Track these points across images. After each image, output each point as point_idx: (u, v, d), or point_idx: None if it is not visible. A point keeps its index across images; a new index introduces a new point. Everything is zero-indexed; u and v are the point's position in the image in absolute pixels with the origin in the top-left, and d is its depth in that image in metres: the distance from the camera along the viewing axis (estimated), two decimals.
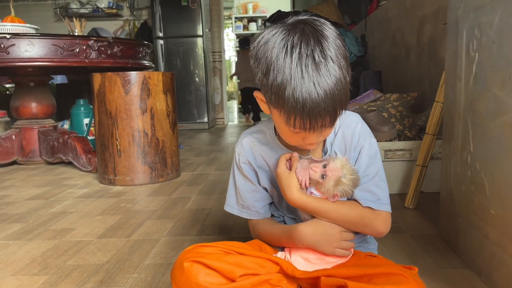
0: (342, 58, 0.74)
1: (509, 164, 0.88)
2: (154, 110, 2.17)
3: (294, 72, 0.71)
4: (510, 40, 0.88)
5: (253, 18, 7.48)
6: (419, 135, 1.95)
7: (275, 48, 0.73)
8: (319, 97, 0.71)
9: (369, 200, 0.87)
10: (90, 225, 1.56)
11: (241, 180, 0.99)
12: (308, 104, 0.71)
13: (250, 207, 0.98)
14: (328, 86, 0.71)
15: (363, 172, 0.89)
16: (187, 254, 0.80)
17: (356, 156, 0.90)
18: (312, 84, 0.70)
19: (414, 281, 0.70)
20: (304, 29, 0.73)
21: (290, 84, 0.71)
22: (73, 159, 2.64)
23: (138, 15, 5.23)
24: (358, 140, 0.89)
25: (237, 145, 0.99)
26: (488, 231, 0.99)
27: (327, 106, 0.72)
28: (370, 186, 0.88)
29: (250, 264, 0.80)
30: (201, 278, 0.76)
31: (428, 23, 2.17)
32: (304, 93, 0.71)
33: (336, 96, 0.72)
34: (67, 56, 2.42)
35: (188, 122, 4.91)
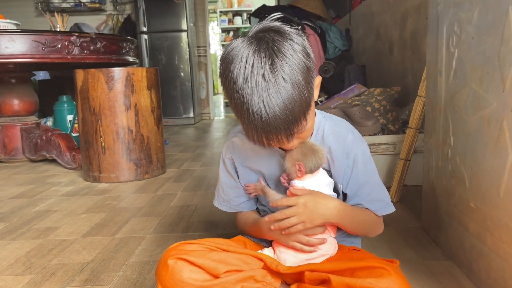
0: (299, 73, 0.73)
1: (487, 158, 0.90)
2: (138, 106, 2.15)
3: (246, 90, 0.71)
4: (488, 36, 0.89)
5: (238, 12, 7.44)
6: (403, 129, 1.97)
7: (232, 62, 0.73)
8: (269, 117, 0.71)
9: (382, 209, 0.92)
10: (75, 223, 1.55)
11: (224, 175, 1.01)
12: (259, 124, 0.72)
13: (230, 201, 1.02)
14: (277, 107, 0.71)
15: (362, 179, 0.91)
16: (171, 251, 0.81)
17: (350, 164, 0.90)
18: (262, 104, 0.71)
19: (395, 274, 0.71)
20: (261, 44, 0.72)
21: (243, 103, 0.72)
22: (57, 156, 2.61)
23: (122, 9, 5.17)
24: (352, 147, 0.89)
25: (227, 141, 1.00)
26: (468, 224, 1.01)
27: (278, 125, 0.72)
28: (376, 194, 0.91)
29: (234, 260, 0.81)
30: (186, 275, 0.77)
31: (411, 18, 2.19)
32: (255, 114, 0.71)
33: (288, 114, 0.72)
34: (48, 52, 2.38)
35: (174, 117, 4.88)
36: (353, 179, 0.90)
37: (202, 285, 0.77)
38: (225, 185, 1.01)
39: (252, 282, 0.80)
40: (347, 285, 0.70)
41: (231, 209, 1.03)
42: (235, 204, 1.02)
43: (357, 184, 0.91)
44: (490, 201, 0.90)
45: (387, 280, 0.69)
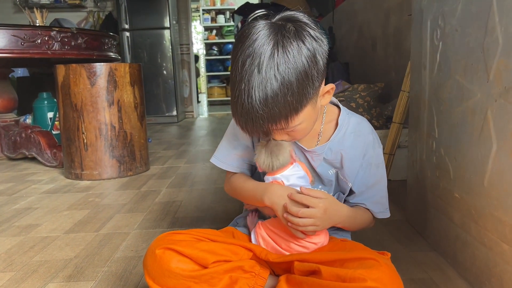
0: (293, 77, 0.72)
1: (471, 148, 0.92)
2: (121, 102, 2.12)
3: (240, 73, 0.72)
4: (472, 28, 0.90)
5: (221, 10, 7.42)
6: (386, 125, 1.99)
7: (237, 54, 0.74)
8: (248, 107, 0.72)
9: (382, 212, 0.95)
10: (57, 220, 1.52)
11: (232, 133, 0.97)
12: (239, 109, 0.74)
13: (232, 159, 0.97)
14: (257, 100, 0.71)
15: (372, 181, 0.92)
16: (159, 241, 0.80)
17: (364, 165, 0.91)
18: (247, 92, 0.72)
19: (385, 265, 0.71)
20: (272, 34, 0.72)
21: (234, 83, 0.74)
22: (37, 154, 2.55)
23: (103, 6, 5.09)
24: (367, 149, 0.91)
25: None
26: (453, 214, 1.03)
27: (254, 118, 0.73)
28: (380, 199, 0.95)
29: (223, 251, 0.80)
30: (174, 264, 0.76)
31: (393, 15, 2.21)
32: (239, 98, 0.73)
33: (266, 111, 0.72)
34: (28, 47, 2.33)
35: (156, 115, 4.83)
36: (363, 179, 0.91)
37: (190, 275, 0.76)
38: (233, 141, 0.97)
39: (241, 273, 0.79)
40: (338, 276, 0.70)
41: (231, 167, 0.97)
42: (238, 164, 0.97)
43: (366, 185, 0.92)
44: (474, 191, 0.91)
45: (377, 272, 0.69)
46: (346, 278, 0.69)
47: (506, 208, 0.79)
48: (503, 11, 0.78)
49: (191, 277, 0.76)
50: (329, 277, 0.71)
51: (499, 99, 0.80)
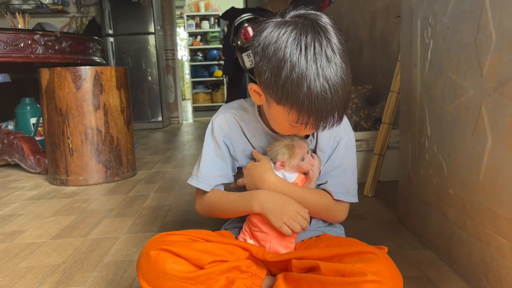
0: (345, 53, 0.75)
1: (465, 144, 0.92)
2: (107, 106, 2.09)
3: (309, 73, 0.71)
4: (464, 25, 0.91)
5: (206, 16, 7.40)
6: (375, 126, 2.00)
7: (287, 47, 0.72)
8: (333, 96, 0.73)
9: (340, 193, 0.92)
10: (43, 226, 1.48)
11: (212, 151, 0.96)
12: (323, 104, 0.72)
13: (210, 179, 0.95)
14: (340, 85, 0.73)
15: (338, 162, 0.92)
16: (153, 242, 0.78)
17: (334, 146, 0.93)
18: (327, 85, 0.72)
19: (384, 259, 0.70)
20: (314, 27, 0.73)
21: (305, 84, 0.71)
22: (20, 160, 2.49)
23: (86, 11, 5.03)
24: (339, 130, 0.91)
25: (217, 116, 0.97)
26: (447, 211, 1.03)
27: (339, 105, 0.74)
28: (343, 179, 0.92)
29: (219, 251, 0.79)
30: (169, 266, 0.74)
31: (380, 18, 2.23)
32: (320, 94, 0.72)
33: (346, 93, 0.75)
34: (10, 51, 2.28)
35: (142, 121, 4.78)
36: (330, 160, 0.92)
37: (186, 276, 0.74)
38: (210, 161, 0.96)
39: (237, 273, 0.78)
40: (337, 271, 0.69)
41: (210, 187, 0.96)
42: (216, 183, 0.96)
43: (332, 166, 0.92)
44: (470, 186, 0.91)
45: (376, 265, 0.68)
46: (346, 273, 0.68)
47: (502, 202, 0.79)
48: (496, 6, 0.79)
49: (188, 279, 0.74)
50: (328, 272, 0.70)
51: (493, 93, 0.81)
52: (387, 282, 0.66)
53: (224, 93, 7.13)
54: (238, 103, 0.98)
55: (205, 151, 0.97)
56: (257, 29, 0.78)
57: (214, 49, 7.30)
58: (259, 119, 0.94)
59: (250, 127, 0.95)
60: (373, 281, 0.65)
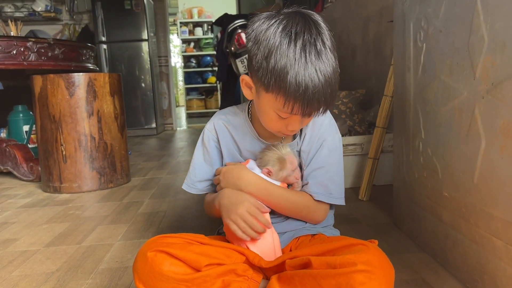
0: (334, 49, 0.78)
1: (459, 146, 0.92)
2: (101, 113, 2.08)
3: (298, 58, 0.73)
4: (456, 28, 0.92)
5: (199, 23, 7.41)
6: (369, 130, 2.01)
7: (277, 34, 0.75)
8: (320, 82, 0.74)
9: (321, 194, 0.92)
10: (36, 234, 1.46)
11: (200, 156, 1.01)
12: (310, 89, 0.74)
13: (200, 183, 1.01)
14: (328, 73, 0.75)
15: (321, 163, 0.93)
16: (150, 244, 0.77)
17: (317, 147, 0.93)
18: (314, 70, 0.74)
19: (374, 249, 0.70)
20: (306, 19, 0.76)
21: (293, 68, 0.73)
22: (13, 168, 2.47)
23: (79, 19, 5.02)
24: (324, 132, 0.93)
25: (209, 123, 1.01)
26: (442, 214, 1.03)
27: (325, 92, 0.76)
28: (324, 181, 0.92)
29: (216, 254, 0.79)
30: (166, 268, 0.73)
31: (373, 22, 2.25)
32: (307, 78, 0.74)
33: (333, 83, 0.76)
34: (3, 58, 2.26)
35: (135, 128, 4.76)
36: (313, 161, 0.93)
37: (183, 278, 0.73)
38: (199, 166, 1.01)
39: (234, 276, 0.77)
40: (327, 263, 0.69)
41: (200, 191, 1.02)
42: (205, 186, 1.01)
43: (314, 167, 0.93)
44: (464, 188, 0.91)
45: (366, 255, 0.68)
46: (336, 265, 0.68)
47: (497, 203, 0.80)
48: (487, 9, 0.80)
49: (184, 281, 0.73)
50: (319, 266, 0.70)
51: (486, 95, 0.81)
52: (378, 271, 0.66)
53: (218, 99, 7.14)
54: (230, 109, 1.02)
55: (195, 156, 1.02)
56: (251, 19, 0.81)
57: (207, 55, 7.31)
58: (249, 123, 0.96)
59: (239, 131, 0.97)
60: (363, 271, 0.65)
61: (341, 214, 1.44)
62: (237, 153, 0.99)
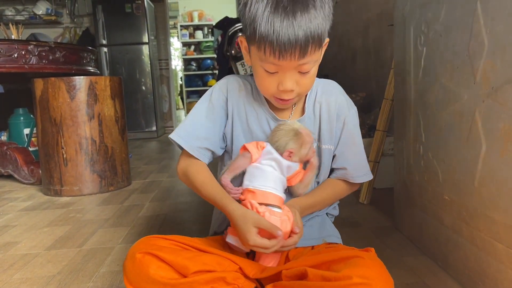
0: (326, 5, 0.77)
1: (460, 150, 0.92)
2: (102, 116, 2.08)
3: (272, 3, 0.74)
4: (457, 32, 0.92)
5: (199, 26, 7.43)
6: (369, 133, 2.01)
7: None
8: (291, 24, 0.73)
9: (362, 175, 0.92)
10: (37, 237, 1.46)
11: (203, 111, 0.91)
12: (279, 29, 0.73)
13: (195, 139, 0.89)
14: (302, 19, 0.74)
15: (351, 141, 0.91)
16: (140, 245, 0.77)
17: (341, 126, 0.91)
18: (286, 15, 0.73)
19: (370, 261, 0.70)
20: None
21: (264, 13, 0.74)
22: (13, 171, 2.47)
23: (80, 22, 5.03)
24: (342, 108, 0.91)
25: (222, 80, 0.94)
26: (443, 217, 1.03)
27: (297, 35, 0.73)
28: (361, 159, 0.93)
29: (207, 260, 0.77)
30: (152, 270, 0.73)
31: (373, 26, 2.25)
32: (276, 20, 0.73)
33: (309, 29, 0.74)
34: (4, 61, 2.27)
35: (136, 131, 4.77)
36: (342, 140, 0.91)
37: (168, 282, 0.72)
38: (199, 121, 0.90)
39: (222, 284, 0.74)
40: (323, 277, 0.69)
41: (191, 148, 0.88)
42: (199, 146, 0.89)
43: (345, 145, 0.91)
44: (465, 192, 0.92)
45: (362, 269, 0.68)
46: (331, 278, 0.67)
47: (498, 207, 0.80)
48: (487, 13, 0.80)
49: (169, 285, 0.72)
50: (315, 278, 0.70)
51: (486, 99, 0.82)
52: (375, 283, 0.65)
53: None
54: (242, 77, 0.96)
55: (195, 109, 0.92)
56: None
57: (207, 58, 7.33)
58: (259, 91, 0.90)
59: (250, 98, 0.92)
60: (359, 284, 0.64)
61: (342, 217, 1.44)
62: (245, 122, 0.91)
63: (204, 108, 0.91)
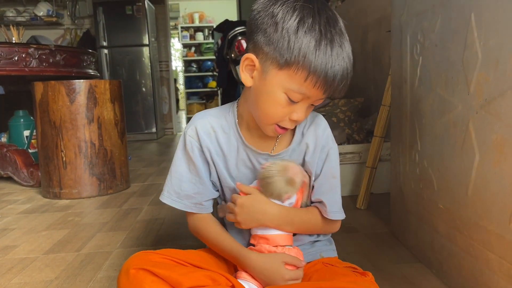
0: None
1: (454, 159, 0.93)
2: (101, 119, 2.09)
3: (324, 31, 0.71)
4: (451, 42, 0.93)
5: (200, 28, 7.45)
6: (367, 139, 2.02)
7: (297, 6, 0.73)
8: (345, 59, 0.74)
9: (337, 212, 0.89)
10: (35, 241, 1.47)
11: (184, 166, 0.88)
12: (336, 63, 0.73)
13: (188, 198, 0.88)
14: (349, 53, 0.76)
15: (333, 174, 0.90)
16: (134, 259, 0.76)
17: (323, 157, 0.89)
18: (339, 45, 0.73)
19: None
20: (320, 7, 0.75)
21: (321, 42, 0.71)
22: (13, 173, 2.48)
23: (80, 23, 5.05)
24: (327, 141, 0.89)
25: (190, 127, 0.88)
26: (438, 225, 1.04)
27: (349, 69, 0.76)
28: (336, 196, 0.90)
29: (201, 276, 0.75)
30: (147, 286, 0.72)
31: (372, 31, 2.26)
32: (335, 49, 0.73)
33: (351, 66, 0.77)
34: (5, 64, 2.28)
35: (136, 133, 4.78)
36: (323, 172, 0.89)
37: None
38: (185, 178, 0.88)
39: None
40: None
41: (188, 207, 0.88)
42: (194, 203, 0.88)
43: (325, 178, 0.89)
44: (459, 201, 0.92)
45: None
46: None
47: (490, 217, 0.81)
48: (481, 26, 0.81)
49: None
50: None
51: (480, 110, 0.83)
52: None
53: (219, 104, 7.15)
54: (215, 110, 0.93)
55: (177, 165, 0.89)
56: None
57: (208, 60, 7.34)
58: (237, 127, 0.88)
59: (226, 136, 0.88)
60: None
61: None
62: (223, 165, 0.89)
63: (183, 163, 0.89)
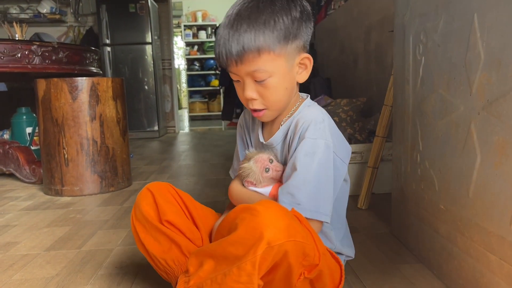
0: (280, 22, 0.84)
1: (456, 160, 0.93)
2: (103, 117, 2.09)
3: (225, 20, 0.87)
4: (454, 43, 0.93)
5: (203, 26, 7.45)
6: (369, 138, 2.02)
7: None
8: (227, 32, 0.85)
9: (289, 205, 0.82)
10: (37, 237, 1.47)
11: (238, 142, 1.12)
12: (220, 35, 0.86)
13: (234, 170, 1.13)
14: (238, 29, 0.83)
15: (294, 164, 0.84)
16: (156, 184, 0.98)
17: (296, 146, 0.86)
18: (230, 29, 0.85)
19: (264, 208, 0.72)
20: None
21: (218, 32, 0.89)
22: (15, 170, 2.49)
23: (83, 21, 5.06)
24: (305, 131, 0.85)
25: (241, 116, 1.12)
26: (438, 226, 1.04)
27: (231, 41, 0.84)
28: (297, 190, 0.83)
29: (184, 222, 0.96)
30: (144, 203, 0.93)
31: (374, 31, 2.26)
32: (218, 38, 0.88)
33: (243, 39, 0.83)
34: (7, 61, 2.29)
35: (138, 131, 4.79)
36: (291, 161, 0.86)
37: (145, 217, 0.91)
38: (238, 152, 1.11)
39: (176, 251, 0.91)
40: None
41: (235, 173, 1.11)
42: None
43: (289, 167, 0.86)
44: (460, 202, 0.92)
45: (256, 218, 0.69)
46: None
47: (491, 218, 0.81)
48: (484, 27, 0.81)
49: (145, 220, 0.91)
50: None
51: (482, 112, 0.82)
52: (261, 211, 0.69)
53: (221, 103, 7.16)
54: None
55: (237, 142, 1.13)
56: None
57: (210, 58, 7.34)
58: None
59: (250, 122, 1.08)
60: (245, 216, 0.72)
61: None
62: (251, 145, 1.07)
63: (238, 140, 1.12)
